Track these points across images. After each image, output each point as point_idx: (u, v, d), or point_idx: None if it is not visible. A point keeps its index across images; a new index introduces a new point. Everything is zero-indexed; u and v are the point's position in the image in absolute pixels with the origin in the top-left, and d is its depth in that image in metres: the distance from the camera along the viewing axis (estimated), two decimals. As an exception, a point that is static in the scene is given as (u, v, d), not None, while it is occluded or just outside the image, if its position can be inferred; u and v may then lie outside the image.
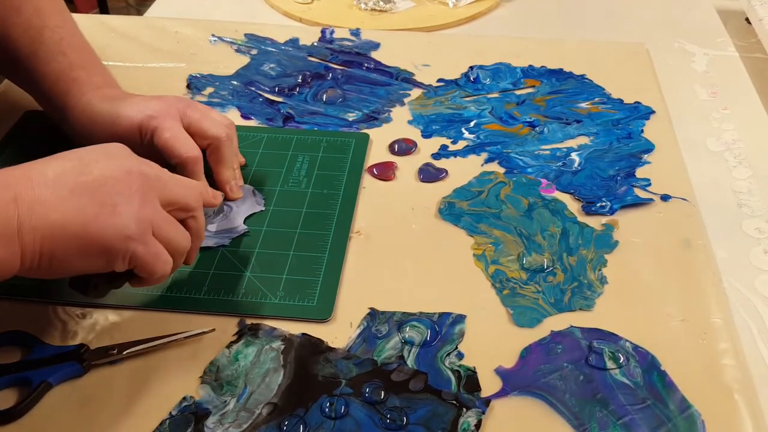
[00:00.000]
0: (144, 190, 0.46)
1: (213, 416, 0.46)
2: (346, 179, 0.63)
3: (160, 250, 0.46)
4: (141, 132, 0.56)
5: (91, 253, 0.44)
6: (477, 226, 0.59)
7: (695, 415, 0.46)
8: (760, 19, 0.81)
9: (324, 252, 0.56)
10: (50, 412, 0.46)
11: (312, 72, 0.77)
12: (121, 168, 0.46)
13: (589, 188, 0.62)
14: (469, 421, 0.45)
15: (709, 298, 0.53)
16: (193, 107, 0.58)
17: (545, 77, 0.76)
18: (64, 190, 0.43)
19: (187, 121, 0.57)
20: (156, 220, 0.46)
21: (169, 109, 0.57)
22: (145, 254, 0.45)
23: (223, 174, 0.59)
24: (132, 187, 0.45)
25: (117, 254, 0.44)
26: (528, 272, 0.55)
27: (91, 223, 0.43)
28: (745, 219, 0.62)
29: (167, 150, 0.55)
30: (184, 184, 0.50)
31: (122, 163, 0.46)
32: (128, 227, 0.44)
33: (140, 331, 0.50)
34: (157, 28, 0.83)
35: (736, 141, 0.70)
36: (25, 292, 0.53)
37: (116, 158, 0.47)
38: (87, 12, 1.98)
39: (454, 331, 0.51)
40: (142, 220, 0.45)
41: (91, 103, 0.58)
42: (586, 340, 0.50)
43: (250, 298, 0.53)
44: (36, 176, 0.43)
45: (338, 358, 0.49)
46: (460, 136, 0.68)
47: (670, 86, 0.76)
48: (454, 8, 0.90)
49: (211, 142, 0.58)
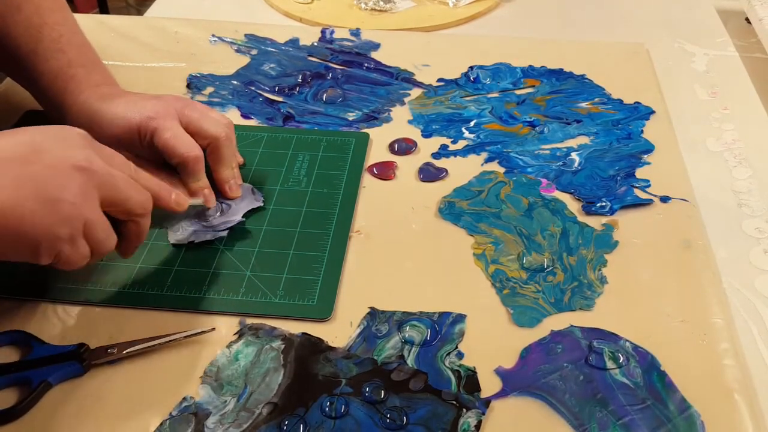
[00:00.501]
0: (86, 188, 0.45)
1: (213, 416, 0.46)
2: (346, 179, 0.63)
3: (85, 250, 0.46)
4: (140, 133, 0.56)
5: (19, 246, 0.43)
6: (477, 225, 0.59)
7: (695, 415, 0.46)
8: (760, 19, 0.81)
9: (324, 251, 0.56)
10: (50, 412, 0.46)
11: (312, 72, 0.77)
12: (71, 161, 0.45)
13: (589, 188, 0.62)
14: (469, 421, 0.45)
15: (709, 299, 0.53)
16: (191, 107, 0.58)
17: (545, 77, 0.76)
18: (6, 177, 0.42)
19: (185, 120, 0.57)
20: (90, 221, 0.45)
21: (167, 109, 0.57)
22: (70, 254, 0.45)
23: (222, 173, 0.59)
24: (75, 185, 0.44)
25: (44, 252, 0.44)
26: (528, 272, 0.55)
27: (27, 219, 0.42)
28: (745, 219, 0.62)
29: (168, 150, 0.55)
30: (133, 188, 0.48)
31: (73, 154, 0.45)
32: (62, 228, 0.44)
33: (140, 331, 0.50)
34: (157, 28, 0.83)
35: (736, 141, 0.70)
36: (25, 291, 0.53)
37: (69, 147, 0.45)
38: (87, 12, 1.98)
39: (454, 330, 0.51)
40: (77, 221, 0.44)
41: (89, 102, 0.58)
42: (586, 340, 0.50)
43: (250, 298, 0.53)
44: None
45: (338, 358, 0.49)
46: (460, 135, 0.68)
47: (670, 86, 0.76)
48: (454, 8, 0.90)
49: (210, 141, 0.58)
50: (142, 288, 0.53)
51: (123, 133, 0.56)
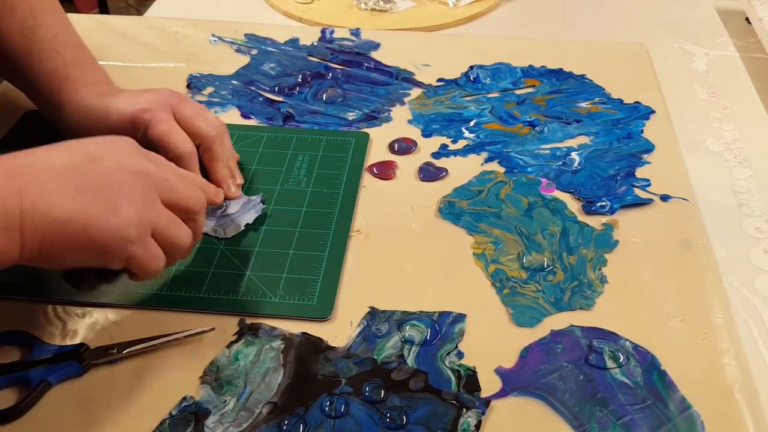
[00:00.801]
0: (147, 191, 0.46)
1: (213, 416, 0.46)
2: (346, 178, 0.63)
3: (157, 251, 0.47)
4: (134, 125, 0.56)
5: (89, 251, 0.44)
6: (477, 225, 0.59)
7: (695, 415, 0.46)
8: (760, 19, 0.81)
9: (324, 251, 0.56)
10: (50, 412, 0.46)
11: (312, 71, 0.77)
12: (127, 167, 0.46)
13: (589, 188, 0.62)
14: (468, 421, 0.45)
15: (709, 298, 0.53)
16: (185, 103, 0.58)
17: (545, 77, 0.76)
18: (69, 186, 0.43)
19: (179, 116, 0.57)
20: (157, 221, 0.46)
21: (162, 102, 0.57)
22: (141, 256, 0.45)
23: (219, 172, 0.59)
24: (136, 189, 0.45)
25: (114, 255, 0.45)
26: (528, 271, 0.55)
27: (93, 224, 0.43)
28: (745, 219, 0.62)
29: (162, 144, 0.55)
30: (189, 185, 0.49)
31: (129, 161, 0.46)
32: (128, 230, 0.44)
33: (140, 331, 0.50)
34: (157, 28, 0.83)
35: (736, 141, 0.70)
36: (25, 292, 0.53)
37: (123, 155, 0.47)
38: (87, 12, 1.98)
39: (454, 330, 0.51)
40: (143, 222, 0.45)
41: (84, 100, 0.58)
42: (586, 339, 0.50)
43: (250, 297, 0.53)
44: (43, 169, 0.43)
45: (338, 357, 0.49)
46: (460, 135, 0.68)
47: (670, 86, 0.76)
48: (454, 8, 0.90)
49: (201, 140, 0.58)
50: (142, 288, 0.53)
51: (118, 126, 0.56)
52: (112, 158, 0.46)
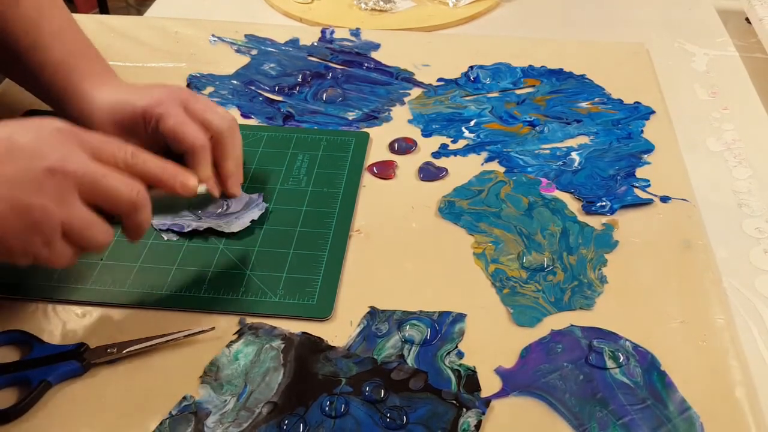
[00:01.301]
0: (61, 190, 0.44)
1: (213, 415, 0.46)
2: (346, 178, 0.63)
3: (65, 251, 0.45)
4: (145, 119, 0.55)
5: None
6: (477, 225, 0.59)
7: (694, 416, 0.45)
8: (760, 19, 0.81)
9: (324, 250, 0.56)
10: (50, 412, 0.46)
11: (312, 71, 0.77)
12: (43, 164, 0.43)
13: (589, 188, 0.62)
14: (469, 421, 0.45)
15: (710, 299, 0.53)
16: (195, 98, 0.57)
17: (545, 77, 0.76)
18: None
19: (189, 111, 0.56)
20: (70, 222, 0.44)
21: (172, 97, 0.56)
22: (48, 256, 0.45)
23: (227, 167, 0.57)
24: (47, 189, 0.43)
25: (19, 256, 0.44)
26: (528, 271, 0.55)
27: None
28: (745, 219, 0.62)
29: (175, 136, 0.54)
30: (119, 181, 0.46)
31: (47, 155, 0.44)
32: (33, 234, 0.43)
33: (140, 330, 0.50)
34: (157, 28, 0.83)
35: (736, 141, 0.70)
36: (25, 292, 0.53)
37: (47, 146, 0.44)
38: (87, 12, 1.98)
39: (454, 329, 0.51)
40: (50, 225, 0.44)
41: (92, 90, 0.58)
42: (586, 339, 0.50)
43: (250, 297, 0.53)
44: None
45: (338, 357, 0.49)
46: (460, 135, 0.68)
47: (670, 86, 0.76)
48: (454, 8, 0.90)
49: (214, 134, 0.56)
50: (142, 288, 0.53)
51: (127, 119, 0.56)
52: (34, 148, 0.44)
